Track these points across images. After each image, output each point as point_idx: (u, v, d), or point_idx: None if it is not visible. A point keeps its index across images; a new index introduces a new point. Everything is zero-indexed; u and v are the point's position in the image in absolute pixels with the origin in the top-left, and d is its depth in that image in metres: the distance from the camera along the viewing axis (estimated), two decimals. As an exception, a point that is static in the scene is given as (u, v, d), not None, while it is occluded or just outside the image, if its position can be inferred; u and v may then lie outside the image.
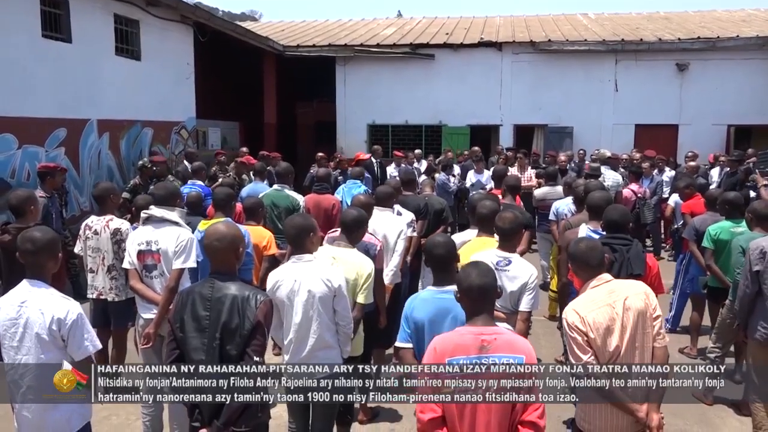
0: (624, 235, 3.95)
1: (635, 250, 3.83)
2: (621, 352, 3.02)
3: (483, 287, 2.60)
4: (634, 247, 3.85)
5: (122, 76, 10.63)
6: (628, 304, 3.04)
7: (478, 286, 2.60)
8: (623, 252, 3.83)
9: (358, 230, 4.05)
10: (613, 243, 3.89)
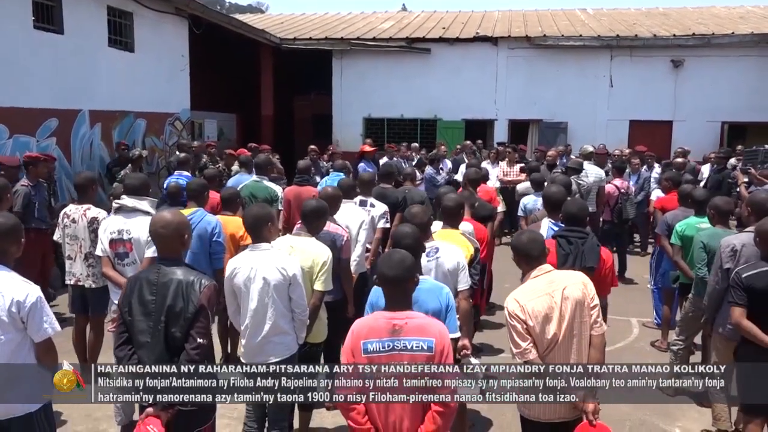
0: (580, 228, 4.04)
1: (590, 243, 3.92)
2: (559, 339, 3.13)
3: (395, 277, 2.73)
4: (589, 240, 3.94)
5: (115, 67, 10.74)
6: (566, 294, 3.14)
7: (392, 276, 2.73)
8: (578, 244, 3.92)
9: (317, 220, 4.16)
10: (569, 235, 3.98)
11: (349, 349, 2.77)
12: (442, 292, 3.32)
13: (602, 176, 8.84)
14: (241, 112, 18.27)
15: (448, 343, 2.74)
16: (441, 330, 2.75)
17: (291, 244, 4.10)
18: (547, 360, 3.13)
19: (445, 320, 3.27)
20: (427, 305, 3.25)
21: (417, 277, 2.86)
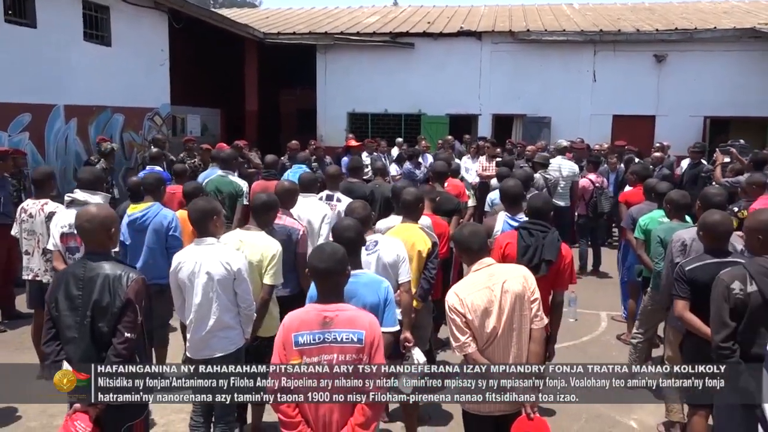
0: (542, 222, 4.04)
1: (551, 238, 3.92)
2: (498, 333, 3.12)
3: (326, 270, 2.72)
4: (551, 235, 3.94)
5: (91, 62, 10.66)
6: (506, 287, 3.13)
7: (322, 269, 2.72)
8: (540, 237, 3.92)
9: (266, 214, 4.14)
10: (531, 228, 3.99)
11: (280, 342, 2.76)
12: (381, 285, 3.31)
13: (576, 171, 8.85)
14: (226, 108, 18.18)
15: (378, 335, 2.73)
16: (371, 322, 2.74)
17: (240, 238, 4.08)
18: (487, 353, 3.13)
19: (383, 314, 3.27)
20: (366, 299, 3.24)
21: (349, 270, 2.84)
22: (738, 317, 3.04)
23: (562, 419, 4.83)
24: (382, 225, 4.96)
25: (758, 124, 15.63)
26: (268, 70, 18.56)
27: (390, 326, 3.28)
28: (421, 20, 18.07)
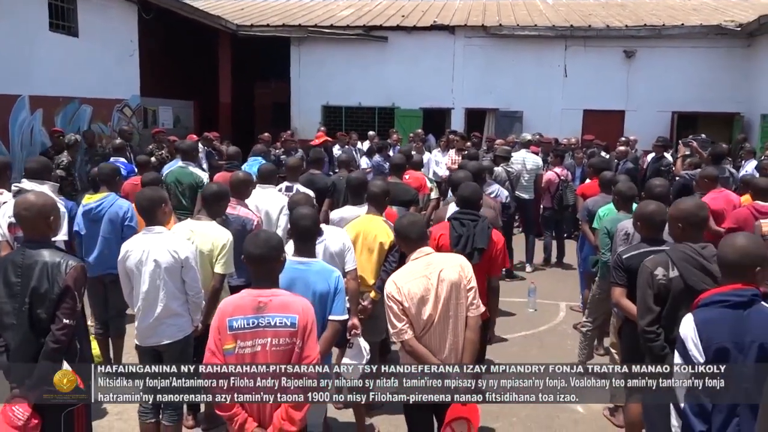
0: (473, 211, 4.13)
1: (481, 226, 4.01)
2: (434, 320, 3.21)
3: (260, 256, 2.79)
4: (480, 223, 4.03)
5: (57, 52, 10.56)
6: (443, 276, 3.22)
7: (257, 254, 2.79)
8: (470, 227, 4.01)
9: (217, 204, 4.20)
10: (462, 218, 4.08)
11: (215, 327, 2.82)
12: (332, 275, 3.38)
13: (539, 164, 8.99)
14: (200, 100, 18.09)
15: (311, 320, 2.80)
16: (305, 307, 2.81)
17: (191, 228, 4.13)
18: (424, 340, 3.22)
19: (333, 302, 3.34)
20: (316, 287, 3.30)
21: (284, 257, 2.91)
22: (662, 302, 3.17)
23: (511, 404, 4.92)
24: (336, 215, 5.04)
25: (725, 120, 15.93)
26: (243, 63, 18.47)
27: (339, 314, 3.35)
28: (395, 14, 18.12)
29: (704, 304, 2.61)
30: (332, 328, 3.32)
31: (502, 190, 6.79)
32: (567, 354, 5.84)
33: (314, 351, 2.78)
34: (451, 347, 3.24)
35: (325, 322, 3.32)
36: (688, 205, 3.24)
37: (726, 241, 2.64)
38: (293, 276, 3.32)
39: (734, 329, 2.51)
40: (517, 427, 4.62)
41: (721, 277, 2.66)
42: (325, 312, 3.32)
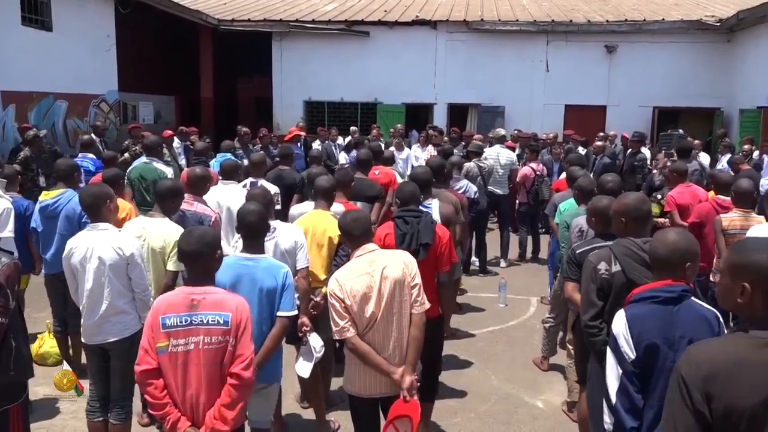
0: (415, 208, 4.10)
1: (425, 222, 3.98)
2: (378, 318, 3.17)
3: (193, 252, 2.75)
4: (424, 219, 4.00)
5: (30, 46, 10.44)
6: (386, 273, 3.19)
7: (189, 251, 2.75)
8: (414, 224, 3.97)
9: (170, 200, 4.15)
10: (405, 216, 4.04)
11: (149, 325, 2.79)
12: (280, 270, 3.34)
13: (513, 159, 8.98)
14: (182, 95, 17.98)
15: (245, 317, 2.77)
16: (239, 305, 2.78)
17: (143, 225, 4.09)
18: (367, 338, 3.19)
19: (281, 298, 3.30)
20: (263, 283, 3.27)
21: (219, 254, 2.87)
22: (605, 297, 3.15)
23: (471, 400, 4.96)
24: (296, 211, 5.01)
25: (705, 115, 16.01)
26: (226, 58, 18.38)
27: (287, 310, 3.31)
28: (378, 8, 18.04)
29: (635, 300, 2.59)
30: (280, 324, 3.29)
31: (470, 186, 6.77)
32: (533, 349, 5.85)
33: (248, 349, 2.74)
34: (395, 345, 3.22)
35: (273, 319, 3.30)
36: (631, 200, 3.23)
37: (657, 236, 2.63)
38: (240, 272, 3.29)
39: (664, 325, 2.49)
40: (475, 423, 4.61)
41: (653, 272, 2.65)
42: (273, 308, 3.29)
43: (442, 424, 4.56)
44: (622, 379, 2.49)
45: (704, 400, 1.77)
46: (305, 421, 4.62)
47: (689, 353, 1.89)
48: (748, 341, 1.80)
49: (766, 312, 1.82)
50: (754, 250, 1.87)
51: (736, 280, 1.85)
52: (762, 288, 1.81)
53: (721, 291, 1.96)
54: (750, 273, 1.82)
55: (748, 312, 1.85)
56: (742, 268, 1.84)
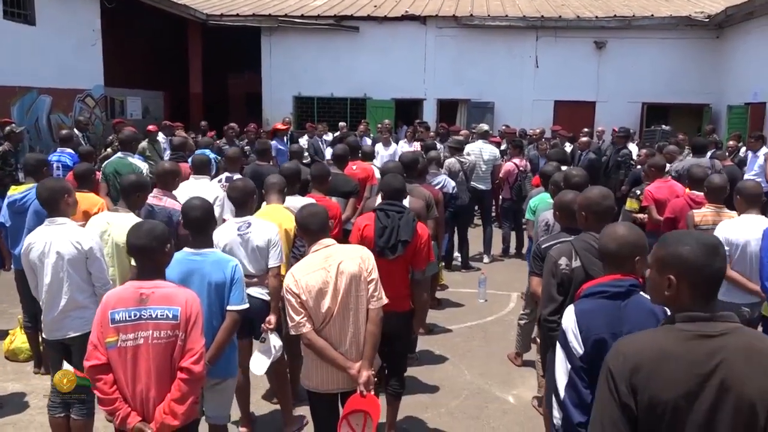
0: (398, 203, 4.08)
1: (406, 218, 3.96)
2: (334, 313, 3.15)
3: (141, 247, 2.74)
4: (406, 216, 3.98)
5: (12, 40, 10.37)
6: (342, 268, 3.16)
7: (138, 245, 2.74)
8: (396, 218, 3.96)
9: (134, 195, 4.13)
10: (387, 210, 4.02)
11: (98, 321, 2.76)
12: (228, 264, 3.32)
13: (496, 154, 8.96)
14: (171, 90, 17.91)
15: (195, 311, 2.74)
16: (189, 299, 2.76)
17: (108, 220, 4.08)
18: (324, 333, 3.17)
19: (230, 292, 3.29)
20: (212, 277, 3.26)
21: (170, 248, 2.85)
22: (565, 292, 3.14)
23: (443, 395, 4.95)
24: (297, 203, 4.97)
25: (694, 111, 16.02)
26: (217, 54, 18.29)
27: (236, 304, 3.30)
28: (368, 3, 17.98)
29: (585, 295, 2.58)
30: (230, 318, 3.28)
31: (449, 181, 6.75)
32: (509, 344, 5.83)
33: (198, 344, 2.72)
34: (352, 340, 3.20)
35: (224, 313, 3.28)
36: (593, 194, 3.21)
37: (606, 231, 2.62)
38: (190, 268, 3.27)
39: (612, 320, 2.48)
40: (445, 418, 4.60)
41: (603, 267, 2.64)
42: (223, 302, 3.27)
43: (412, 420, 4.55)
44: (571, 374, 2.47)
45: (630, 393, 1.76)
46: (273, 416, 4.60)
47: (617, 346, 1.88)
48: (674, 334, 1.79)
49: (693, 304, 1.81)
50: (678, 242, 1.86)
51: (662, 273, 1.84)
52: (686, 280, 1.80)
53: (651, 285, 1.95)
54: (675, 266, 1.81)
55: (676, 305, 1.84)
56: (668, 261, 1.83)
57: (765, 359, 1.76)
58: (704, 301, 1.82)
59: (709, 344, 1.76)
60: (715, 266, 1.84)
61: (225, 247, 4.07)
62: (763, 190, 4.47)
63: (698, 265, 1.81)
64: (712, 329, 1.78)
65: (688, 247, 1.82)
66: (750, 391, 1.72)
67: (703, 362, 1.74)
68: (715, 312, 1.83)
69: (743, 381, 1.73)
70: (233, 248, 4.06)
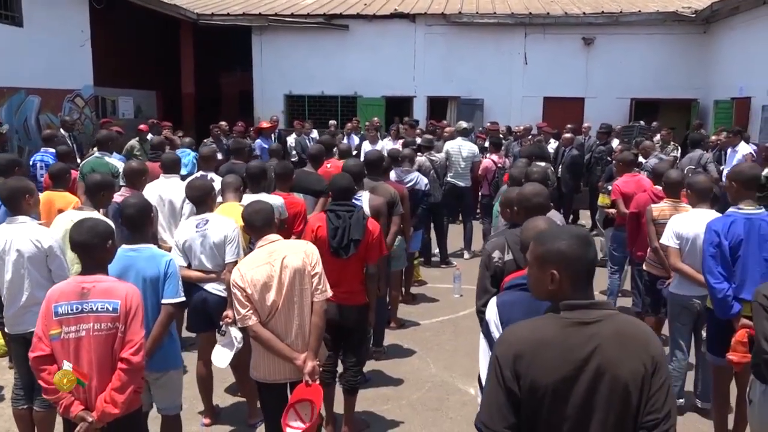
0: (348, 203, 4.18)
1: (356, 217, 4.06)
2: (279, 306, 3.27)
3: (83, 242, 2.85)
4: (356, 214, 4.08)
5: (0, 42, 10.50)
6: (286, 263, 3.28)
7: (79, 241, 2.85)
8: (346, 218, 4.06)
9: (98, 193, 4.25)
10: (337, 210, 4.13)
11: (42, 314, 2.88)
12: (162, 260, 3.40)
13: (475, 151, 9.05)
14: (163, 90, 18.02)
15: (135, 305, 2.86)
16: (128, 292, 2.87)
17: (71, 218, 4.15)
18: (270, 326, 3.29)
19: (164, 286, 3.36)
20: (146, 272, 3.34)
21: (111, 244, 2.96)
22: (498, 284, 3.24)
23: (406, 388, 5.06)
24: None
25: (683, 106, 16.07)
26: (209, 53, 18.38)
27: (170, 298, 3.37)
28: (358, 2, 18.05)
29: (507, 287, 2.69)
30: (165, 311, 3.35)
31: (421, 178, 6.85)
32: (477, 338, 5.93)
33: (137, 335, 2.84)
34: (298, 332, 3.32)
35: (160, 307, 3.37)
36: (525, 190, 3.33)
37: (526, 224, 2.73)
38: (125, 263, 3.35)
39: (530, 312, 2.54)
40: (405, 410, 4.71)
41: (524, 260, 2.74)
42: (159, 296, 3.36)
43: (372, 412, 4.66)
44: (493, 364, 2.58)
45: (514, 378, 1.86)
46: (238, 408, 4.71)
47: (503, 334, 1.99)
48: (554, 321, 1.90)
49: (574, 294, 1.91)
50: (555, 238, 1.96)
51: (544, 269, 1.93)
52: (568, 272, 1.90)
53: (533, 282, 2.03)
54: (556, 261, 1.91)
55: (559, 297, 1.93)
56: (548, 258, 1.93)
57: (635, 343, 1.88)
58: (583, 290, 1.93)
59: (586, 331, 1.87)
60: (590, 256, 1.96)
61: (184, 244, 4.20)
62: (713, 185, 4.55)
63: (576, 257, 1.92)
64: (588, 316, 1.89)
65: (565, 242, 1.92)
66: (623, 373, 1.84)
67: (580, 348, 1.85)
68: (592, 300, 1.94)
69: (617, 364, 1.84)
70: (192, 245, 4.18)
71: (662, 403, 1.86)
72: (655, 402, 1.85)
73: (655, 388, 1.86)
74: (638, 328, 1.95)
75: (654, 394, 1.86)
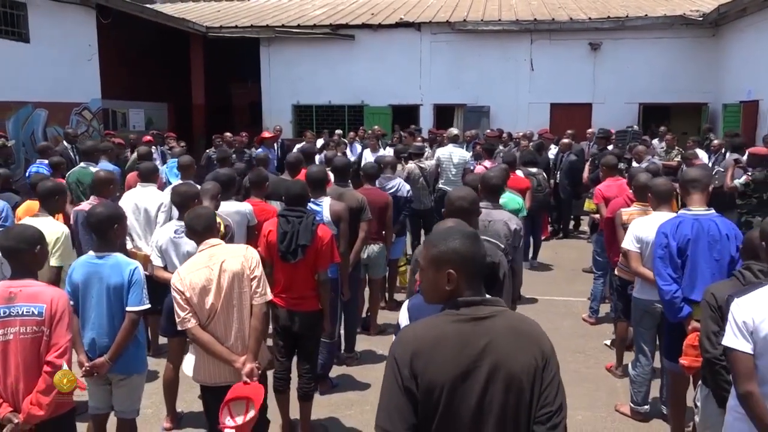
0: (299, 208, 4.21)
1: (305, 223, 4.09)
2: (218, 309, 3.32)
3: (9, 248, 2.95)
4: (305, 220, 4.10)
5: (7, 57, 10.80)
6: (224, 267, 3.33)
7: (6, 246, 2.96)
8: (295, 224, 4.09)
9: (51, 199, 4.37)
10: (288, 215, 4.16)
11: None
12: (127, 268, 3.48)
13: (467, 158, 9.05)
14: (175, 101, 18.33)
15: (61, 310, 2.92)
16: (55, 297, 2.94)
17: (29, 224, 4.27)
18: (210, 328, 3.33)
19: (128, 294, 3.45)
20: (110, 280, 3.43)
21: (39, 249, 3.03)
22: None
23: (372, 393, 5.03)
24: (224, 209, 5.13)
25: (693, 110, 15.83)
26: (220, 64, 18.68)
27: (134, 306, 3.45)
28: (365, 12, 18.20)
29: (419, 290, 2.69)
30: (128, 318, 3.44)
31: (403, 185, 6.85)
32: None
33: (63, 339, 2.90)
34: (237, 335, 3.36)
35: (124, 314, 3.45)
36: (451, 194, 3.38)
37: (436, 228, 2.72)
38: (89, 271, 3.45)
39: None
40: (368, 414, 4.69)
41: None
42: (122, 304, 3.44)
43: (335, 417, 4.67)
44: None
45: (412, 378, 1.83)
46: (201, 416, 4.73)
47: (400, 334, 1.98)
48: (449, 318, 1.88)
49: (470, 291, 1.91)
50: (447, 238, 1.94)
51: (440, 270, 1.91)
52: (464, 271, 1.90)
53: (427, 285, 1.99)
54: (452, 260, 1.90)
55: (455, 297, 1.91)
56: (444, 258, 1.91)
57: (526, 339, 1.89)
58: (477, 288, 1.93)
59: (479, 327, 1.86)
60: (482, 252, 1.98)
61: (161, 247, 4.28)
62: (673, 188, 4.49)
63: (470, 255, 1.91)
64: (482, 312, 1.88)
65: (458, 241, 1.92)
66: (517, 368, 1.84)
67: (473, 344, 1.83)
68: (484, 296, 1.94)
69: (510, 359, 1.84)
70: (167, 248, 4.27)
71: (554, 396, 1.87)
72: (547, 396, 1.86)
73: (546, 382, 1.87)
74: (529, 324, 1.96)
75: (546, 388, 1.87)
